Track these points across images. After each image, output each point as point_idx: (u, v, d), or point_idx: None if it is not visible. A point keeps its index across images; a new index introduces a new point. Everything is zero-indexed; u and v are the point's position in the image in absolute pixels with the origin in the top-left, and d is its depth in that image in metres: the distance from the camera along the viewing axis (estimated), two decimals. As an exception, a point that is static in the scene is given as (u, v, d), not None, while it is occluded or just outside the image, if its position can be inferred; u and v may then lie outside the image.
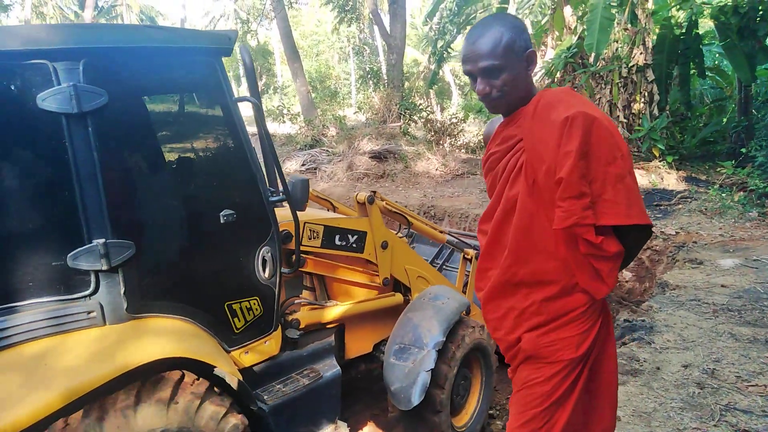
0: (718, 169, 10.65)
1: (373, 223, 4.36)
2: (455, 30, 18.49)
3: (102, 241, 2.66)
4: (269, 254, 3.37)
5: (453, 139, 15.58)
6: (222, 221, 3.13)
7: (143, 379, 2.66)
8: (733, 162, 10.06)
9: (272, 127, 20.26)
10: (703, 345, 4.37)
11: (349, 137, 15.36)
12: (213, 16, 42.90)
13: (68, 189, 2.64)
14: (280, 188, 3.49)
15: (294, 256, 3.58)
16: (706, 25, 15.25)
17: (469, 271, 5.44)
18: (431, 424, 4.06)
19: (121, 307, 2.76)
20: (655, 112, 12.11)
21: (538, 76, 15.17)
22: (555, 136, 1.86)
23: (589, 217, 1.84)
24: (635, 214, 1.88)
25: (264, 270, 3.36)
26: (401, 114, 16.67)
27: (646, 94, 12.26)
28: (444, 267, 6.14)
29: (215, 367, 2.87)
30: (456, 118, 16.61)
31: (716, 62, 15.80)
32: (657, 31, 12.66)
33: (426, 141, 15.42)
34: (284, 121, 19.99)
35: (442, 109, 24.12)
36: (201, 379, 2.86)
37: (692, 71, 12.61)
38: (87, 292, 2.69)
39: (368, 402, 4.98)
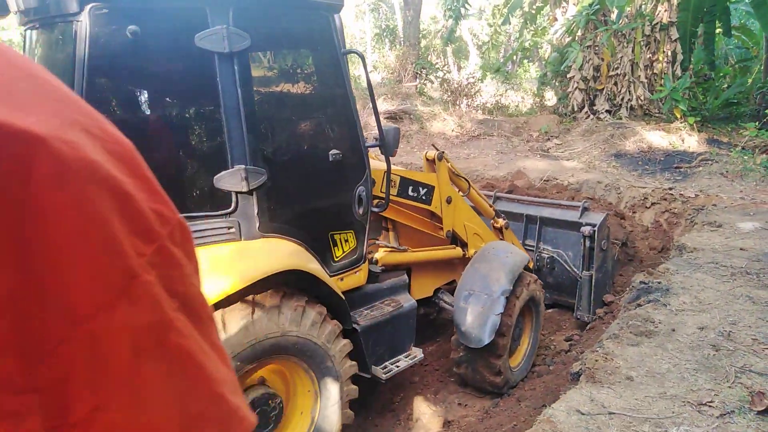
0: (741, 131, 10.43)
1: (441, 178, 4.77)
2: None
3: (243, 166, 3.04)
4: (364, 193, 3.77)
5: (470, 100, 15.35)
6: (331, 159, 3.50)
7: (266, 288, 3.10)
8: (756, 124, 9.84)
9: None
10: (720, 307, 4.33)
11: (363, 97, 15.18)
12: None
13: (217, 119, 3.01)
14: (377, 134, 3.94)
15: (375, 201, 4.02)
16: (734, -19, 14.70)
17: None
18: (492, 365, 4.52)
19: (254, 226, 3.16)
20: (678, 72, 11.82)
21: (558, 34, 14.82)
22: None
23: None
24: None
25: (359, 206, 3.75)
26: (417, 73, 16.41)
27: (669, 53, 11.95)
28: None
29: (326, 284, 3.33)
30: (473, 78, 16.34)
31: (743, 21, 15.30)
32: (683, -14, 12.25)
33: (442, 101, 15.21)
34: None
35: (459, 69, 23.72)
36: (307, 294, 3.33)
37: (717, 30, 12.22)
38: (228, 210, 3.08)
39: (427, 342, 5.44)
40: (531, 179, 8.88)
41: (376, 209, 3.98)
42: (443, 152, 4.81)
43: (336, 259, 3.68)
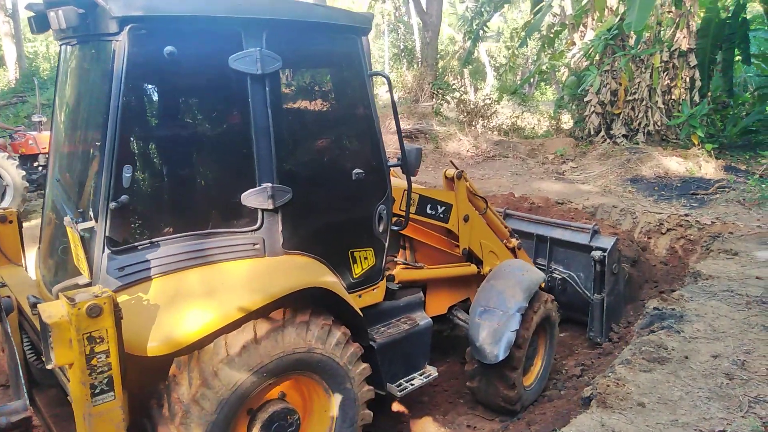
0: (759, 158, 10.36)
1: (459, 197, 4.78)
2: (492, 9, 18.17)
3: (269, 184, 3.08)
4: (384, 212, 3.78)
5: (486, 121, 15.40)
6: (354, 178, 3.55)
7: (293, 304, 3.10)
8: (775, 152, 9.77)
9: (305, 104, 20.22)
10: (734, 336, 4.29)
11: (380, 116, 15.28)
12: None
13: (247, 138, 3.05)
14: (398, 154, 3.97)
15: (394, 218, 4.01)
16: (753, 9, 14.73)
17: None
18: (507, 378, 4.48)
19: (279, 243, 3.20)
20: (696, 98, 11.79)
21: (575, 57, 14.87)
22: None
23: None
24: None
25: (380, 225, 3.77)
26: (434, 93, 16.51)
27: (688, 79, 11.94)
28: None
29: (346, 301, 3.34)
30: (490, 99, 16.40)
31: (762, 48, 15.25)
32: (702, 14, 12.28)
33: (458, 122, 15.27)
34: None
35: (476, 90, 23.83)
36: (329, 312, 3.33)
37: (737, 57, 12.20)
38: (254, 227, 3.11)
39: (441, 357, 5.40)
40: (551, 201, 8.86)
41: (395, 227, 4.00)
42: (462, 171, 4.83)
43: (355, 277, 3.70)
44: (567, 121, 15.96)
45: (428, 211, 4.57)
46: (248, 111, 3.02)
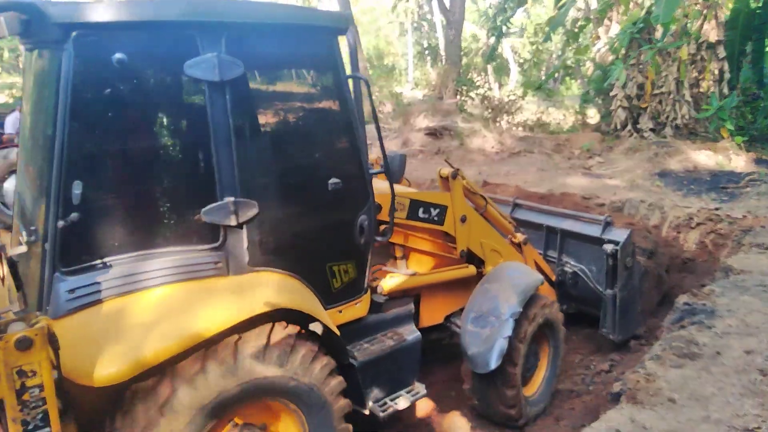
0: (792, 151, 10.14)
1: (455, 197, 4.56)
2: (515, 5, 18.05)
3: (232, 199, 2.91)
4: (366, 222, 3.60)
5: (510, 117, 15.32)
6: (330, 188, 3.36)
7: (259, 327, 2.92)
8: (808, 144, 9.56)
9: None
10: (768, 331, 4.22)
11: (404, 114, 15.31)
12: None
13: (206, 150, 2.88)
14: (380, 162, 3.73)
15: (382, 226, 3.86)
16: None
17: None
18: (505, 398, 4.26)
19: (244, 260, 3.03)
20: (725, 90, 11.58)
21: (601, 51, 14.71)
22: None
23: None
24: None
25: (361, 237, 3.59)
26: (458, 90, 16.48)
27: (716, 71, 11.73)
28: None
29: (319, 320, 3.16)
30: (514, 95, 16.31)
31: (795, 38, 14.91)
32: (730, 5, 12.03)
33: (482, 118, 15.21)
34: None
35: (500, 86, 23.70)
36: (306, 331, 3.18)
37: (767, 48, 11.94)
38: (216, 244, 2.94)
39: (437, 370, 5.16)
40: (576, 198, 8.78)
41: (379, 238, 3.79)
42: (458, 169, 4.63)
43: (334, 291, 3.52)
44: (593, 115, 15.79)
45: (421, 215, 4.34)
46: (206, 120, 2.84)
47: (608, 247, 5.38)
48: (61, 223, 2.57)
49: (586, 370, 5.50)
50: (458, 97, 16.38)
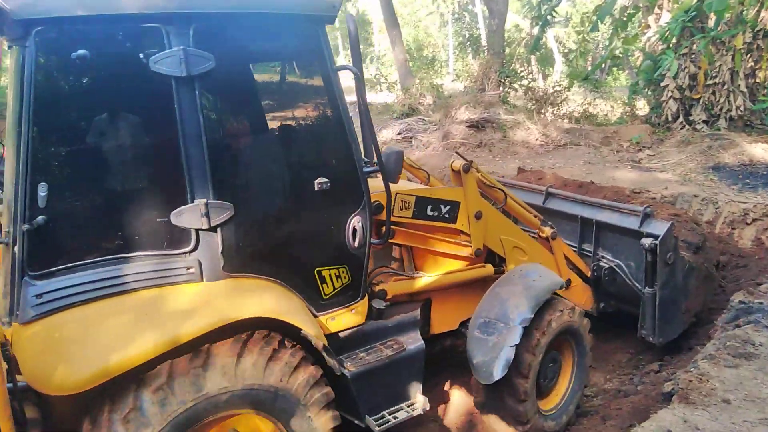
0: None
1: (468, 192, 4.25)
2: (561, -7, 17.67)
3: (203, 201, 2.77)
4: (360, 224, 3.38)
5: (555, 108, 15.02)
6: (316, 189, 3.18)
7: (236, 335, 2.78)
8: None
9: (369, 96, 20.39)
10: (831, 332, 4.03)
11: (445, 106, 15.16)
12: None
13: (175, 149, 2.74)
14: (375, 159, 3.48)
15: (384, 227, 3.60)
16: None
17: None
18: (515, 411, 3.99)
19: (218, 266, 2.88)
20: (784, 80, 11.10)
21: (651, 41, 14.29)
22: None
23: None
24: None
25: (354, 239, 3.38)
26: (501, 82, 16.23)
27: (775, 60, 11.25)
28: None
29: (301, 330, 2.94)
30: (559, 86, 15.98)
31: None
32: (791, -10, 11.50)
33: (526, 110, 14.96)
34: (381, 90, 20.06)
35: (545, 77, 23.29)
36: (294, 342, 2.98)
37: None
38: (187, 249, 2.81)
39: (452, 379, 4.92)
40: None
41: (376, 242, 3.57)
42: (471, 162, 4.28)
43: (325, 297, 3.35)
44: (642, 107, 15.37)
45: (429, 213, 4.04)
46: (174, 118, 2.70)
47: (646, 242, 4.90)
48: (26, 227, 2.51)
49: (634, 370, 5.35)
50: (501, 88, 16.13)
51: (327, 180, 3.19)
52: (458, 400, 4.74)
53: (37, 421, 2.50)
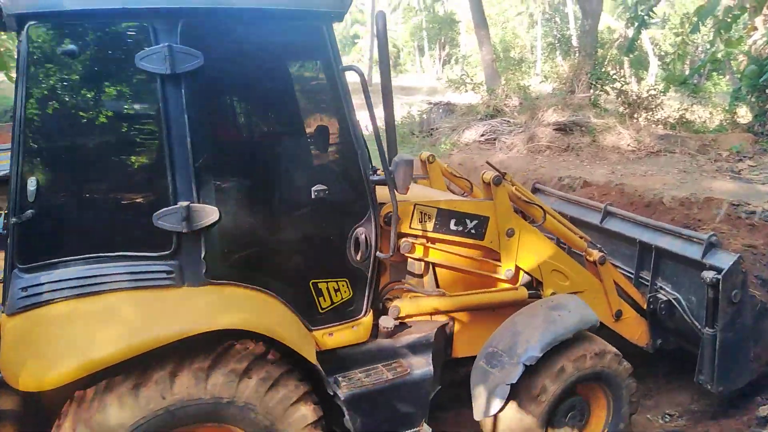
0: None
1: (498, 207, 3.91)
2: (660, -7, 16.89)
3: (186, 204, 2.71)
4: (363, 236, 3.21)
5: (649, 113, 14.39)
6: (313, 196, 3.04)
7: (216, 345, 2.71)
8: None
9: (453, 96, 20.30)
10: None
11: (532, 107, 14.85)
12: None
13: (158, 150, 2.72)
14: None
15: (401, 240, 3.43)
16: None
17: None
18: None
19: (200, 271, 2.81)
20: None
21: (757, 44, 13.45)
22: None
23: None
24: None
25: (356, 252, 3.22)
26: (591, 84, 15.72)
27: None
28: None
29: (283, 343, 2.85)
30: (654, 90, 15.30)
31: None
32: None
33: (618, 114, 14.41)
34: (466, 90, 19.91)
35: (638, 81, 22.36)
36: (280, 356, 2.86)
37: None
38: (167, 252, 2.76)
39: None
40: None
41: (381, 255, 3.30)
42: (503, 174, 3.94)
43: (322, 311, 3.20)
44: (745, 114, 14.47)
45: (453, 227, 3.74)
46: (159, 117, 2.67)
47: (708, 275, 4.29)
48: (14, 220, 2.56)
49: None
50: (591, 90, 15.63)
51: (325, 187, 3.05)
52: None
53: (14, 413, 2.60)
